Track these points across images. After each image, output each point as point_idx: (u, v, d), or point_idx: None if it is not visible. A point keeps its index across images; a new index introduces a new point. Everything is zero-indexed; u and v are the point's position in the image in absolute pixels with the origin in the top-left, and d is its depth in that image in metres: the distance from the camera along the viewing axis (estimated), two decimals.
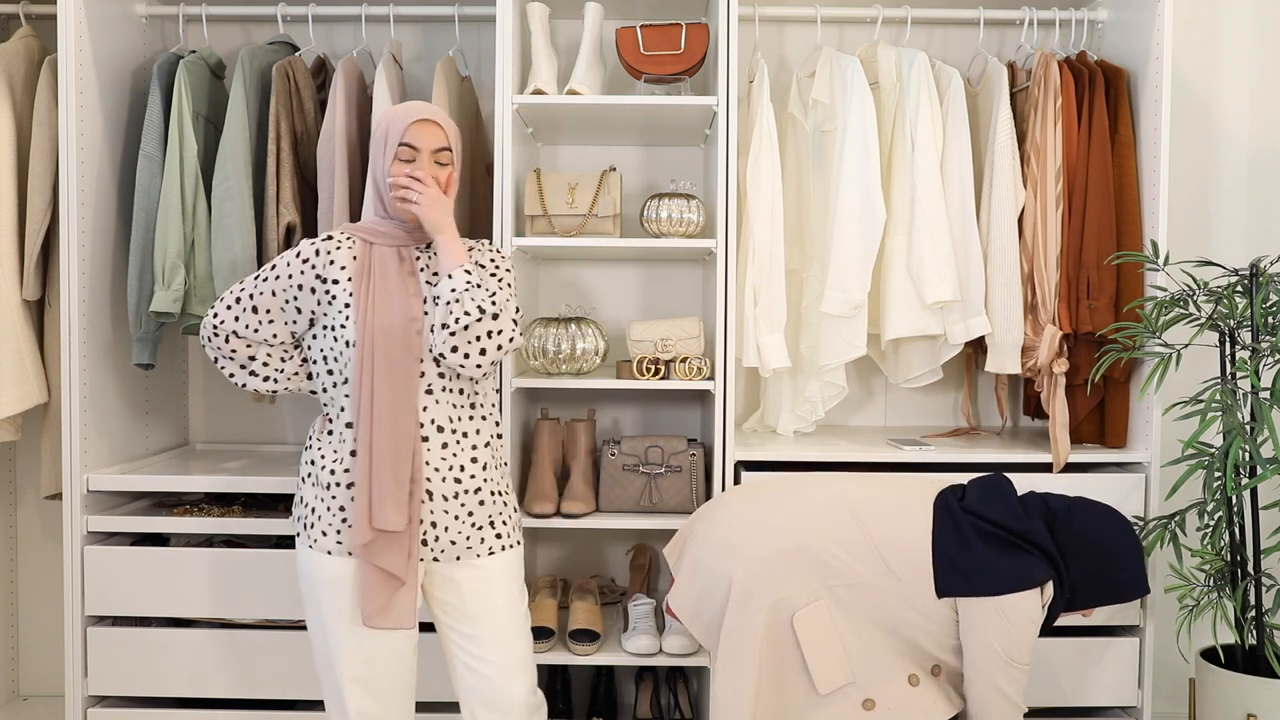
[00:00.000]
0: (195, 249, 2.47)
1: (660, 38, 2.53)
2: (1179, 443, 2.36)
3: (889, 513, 2.01)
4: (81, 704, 2.46)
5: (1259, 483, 2.27)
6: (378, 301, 1.86)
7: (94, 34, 2.47)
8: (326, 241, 1.93)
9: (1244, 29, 2.95)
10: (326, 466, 1.91)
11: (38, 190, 2.53)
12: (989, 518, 1.96)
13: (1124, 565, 2.00)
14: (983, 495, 2.03)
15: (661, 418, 2.98)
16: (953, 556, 1.92)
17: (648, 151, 2.95)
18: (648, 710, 2.75)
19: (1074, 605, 2.01)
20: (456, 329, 1.83)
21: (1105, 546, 1.99)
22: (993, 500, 2.01)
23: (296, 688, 2.48)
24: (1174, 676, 2.94)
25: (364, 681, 1.91)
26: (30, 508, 3.01)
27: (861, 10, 2.72)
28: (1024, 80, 2.62)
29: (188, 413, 2.99)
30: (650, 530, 2.92)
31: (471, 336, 1.84)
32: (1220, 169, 2.96)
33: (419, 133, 1.90)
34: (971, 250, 2.54)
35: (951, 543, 1.94)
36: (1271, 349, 2.29)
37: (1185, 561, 2.46)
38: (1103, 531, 2.00)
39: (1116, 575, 2.00)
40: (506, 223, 2.44)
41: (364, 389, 1.85)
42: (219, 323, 1.96)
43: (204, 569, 2.46)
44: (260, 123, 2.55)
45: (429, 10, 2.71)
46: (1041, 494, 2.11)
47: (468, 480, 1.94)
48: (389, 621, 1.88)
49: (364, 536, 1.84)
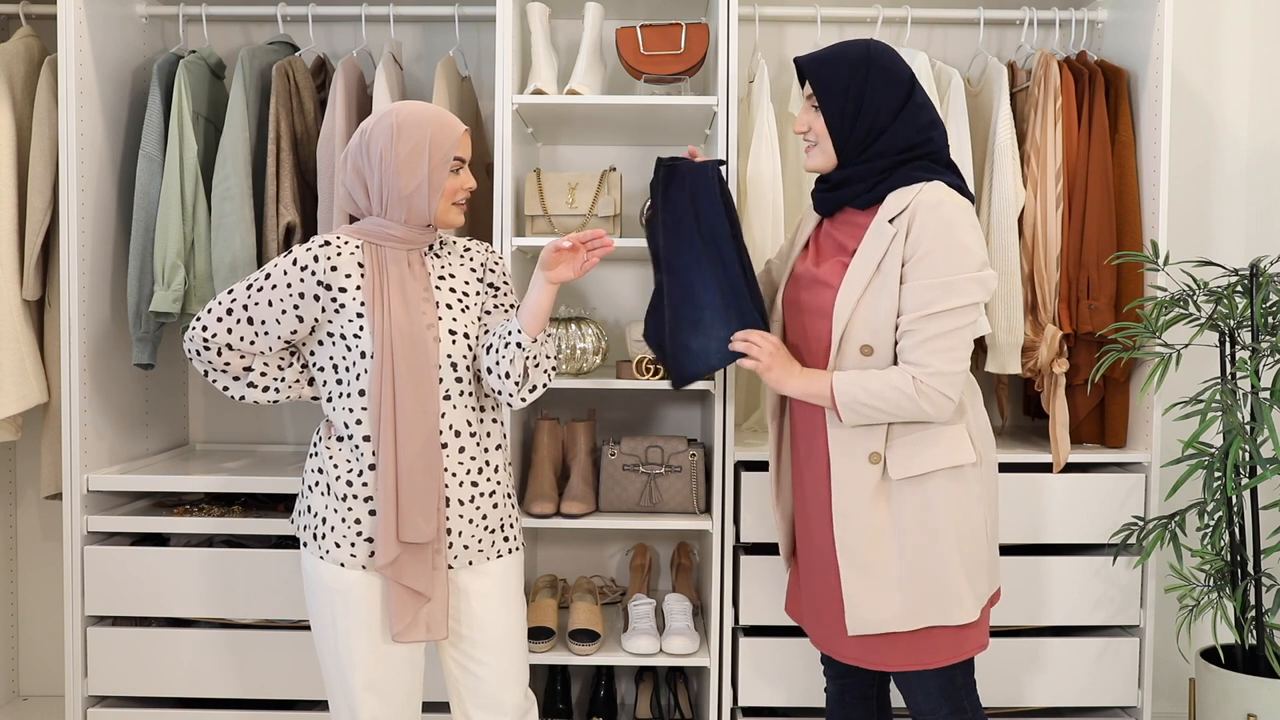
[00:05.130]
0: (195, 249, 2.47)
1: (660, 38, 2.53)
2: (1179, 443, 2.36)
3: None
4: (81, 704, 2.46)
5: (1259, 483, 2.27)
6: (395, 310, 1.81)
7: (94, 34, 2.47)
8: (325, 247, 1.85)
9: (1244, 29, 2.95)
10: (341, 478, 1.85)
11: (38, 190, 2.53)
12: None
13: None
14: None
15: (661, 418, 2.98)
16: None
17: (648, 151, 2.94)
18: (648, 710, 2.75)
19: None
20: (525, 386, 1.90)
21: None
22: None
23: (296, 688, 2.48)
24: (1174, 676, 2.94)
25: (376, 688, 1.88)
26: (30, 508, 3.01)
27: (861, 10, 2.72)
28: (1024, 80, 2.62)
29: (188, 413, 2.99)
30: (650, 530, 2.92)
31: (536, 386, 1.93)
32: (1220, 169, 2.96)
33: (466, 144, 1.90)
34: None
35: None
36: (1271, 349, 2.29)
37: (1185, 561, 2.46)
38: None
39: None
40: (506, 223, 2.44)
41: (384, 400, 1.80)
42: (210, 335, 1.86)
43: (204, 569, 2.45)
44: (260, 123, 2.55)
45: (429, 10, 2.71)
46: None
47: (484, 484, 1.92)
48: (419, 635, 1.85)
49: (389, 554, 1.80)
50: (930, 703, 1.87)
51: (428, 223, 1.89)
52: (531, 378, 1.90)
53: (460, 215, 1.92)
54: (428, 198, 1.85)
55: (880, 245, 1.80)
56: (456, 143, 1.87)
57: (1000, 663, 2.48)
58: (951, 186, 1.82)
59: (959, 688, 1.87)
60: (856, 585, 1.83)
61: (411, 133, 1.84)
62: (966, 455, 1.82)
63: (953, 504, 1.81)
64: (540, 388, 1.93)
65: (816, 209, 1.97)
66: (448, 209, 1.89)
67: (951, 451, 1.81)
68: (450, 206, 1.89)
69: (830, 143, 1.88)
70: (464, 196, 1.91)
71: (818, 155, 1.91)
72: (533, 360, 1.88)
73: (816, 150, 1.90)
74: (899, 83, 1.86)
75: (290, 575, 2.44)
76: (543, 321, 1.88)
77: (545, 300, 1.87)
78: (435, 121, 1.86)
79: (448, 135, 1.86)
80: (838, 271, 1.84)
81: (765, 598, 2.47)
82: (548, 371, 1.93)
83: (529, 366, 1.88)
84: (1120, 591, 2.51)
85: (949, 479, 1.81)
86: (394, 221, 1.87)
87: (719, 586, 2.45)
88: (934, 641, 1.82)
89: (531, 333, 1.86)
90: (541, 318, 1.88)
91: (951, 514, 1.81)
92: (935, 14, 2.77)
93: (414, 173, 1.84)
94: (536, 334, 1.87)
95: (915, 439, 1.81)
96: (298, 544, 2.43)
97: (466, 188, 1.91)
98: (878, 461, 1.83)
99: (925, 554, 1.80)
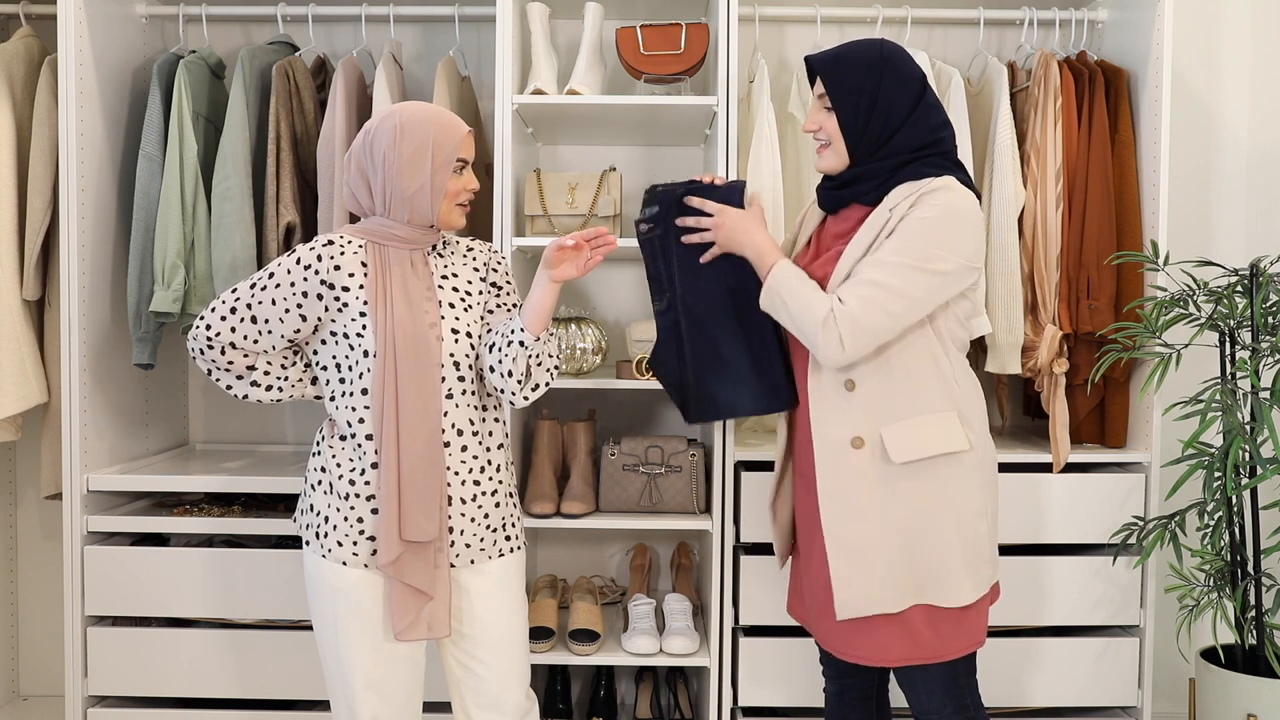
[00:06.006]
0: (195, 249, 2.47)
1: (660, 38, 2.53)
2: (1179, 443, 2.36)
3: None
4: (81, 704, 2.46)
5: (1259, 483, 2.27)
6: (398, 309, 1.82)
7: (94, 34, 2.47)
8: (328, 246, 1.86)
9: (1244, 29, 2.95)
10: (344, 476, 1.86)
11: (38, 190, 2.53)
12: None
13: None
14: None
15: (661, 418, 2.98)
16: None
17: (648, 151, 2.94)
18: (648, 710, 2.75)
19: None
20: (527, 385, 1.91)
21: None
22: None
23: (296, 688, 2.48)
24: (1174, 676, 2.94)
25: (377, 687, 1.89)
26: (30, 508, 3.01)
27: (861, 10, 2.72)
28: (1024, 80, 2.62)
29: (188, 413, 2.99)
30: (650, 530, 2.92)
31: (539, 384, 1.93)
32: (1220, 169, 2.96)
33: (469, 145, 1.90)
34: None
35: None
36: (1271, 349, 2.29)
37: (1185, 561, 2.46)
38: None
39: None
40: (506, 223, 2.44)
41: (387, 398, 1.81)
42: (214, 335, 1.86)
43: (204, 569, 2.45)
44: (260, 123, 2.55)
45: (429, 10, 2.71)
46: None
47: (486, 483, 1.92)
48: (420, 634, 1.86)
49: (392, 553, 1.80)
50: (934, 701, 1.86)
51: (430, 223, 1.89)
52: (534, 376, 1.90)
53: (462, 216, 1.92)
54: (430, 198, 1.85)
55: (875, 227, 1.80)
56: (459, 144, 1.87)
57: (1000, 662, 2.48)
58: (961, 183, 1.82)
59: (962, 686, 1.87)
60: (844, 569, 1.82)
61: (414, 134, 1.84)
62: (959, 443, 1.81)
63: (951, 488, 1.81)
64: (543, 386, 1.93)
65: (822, 205, 1.96)
66: (450, 210, 1.89)
67: (946, 438, 1.81)
68: (453, 207, 1.90)
69: (843, 143, 1.87)
70: (467, 198, 1.91)
71: (830, 155, 1.89)
72: (535, 359, 1.88)
73: (829, 150, 1.89)
74: (912, 82, 1.85)
75: (290, 575, 2.44)
76: (545, 320, 1.88)
77: (548, 299, 1.88)
78: (438, 123, 1.86)
79: (451, 136, 1.86)
80: (835, 262, 1.84)
81: (765, 598, 2.47)
82: (550, 370, 1.93)
83: (531, 365, 1.88)
84: (1120, 591, 2.51)
85: (947, 464, 1.81)
86: (397, 221, 1.87)
87: (719, 586, 2.45)
88: (930, 633, 1.81)
89: (534, 331, 1.87)
90: (544, 316, 1.88)
91: (949, 498, 1.81)
92: (935, 14, 2.77)
93: (417, 174, 1.84)
94: (539, 332, 1.87)
95: (910, 424, 1.81)
96: (298, 544, 2.43)
97: (469, 189, 1.91)
98: (860, 446, 1.82)
99: (920, 537, 1.80)
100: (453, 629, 1.94)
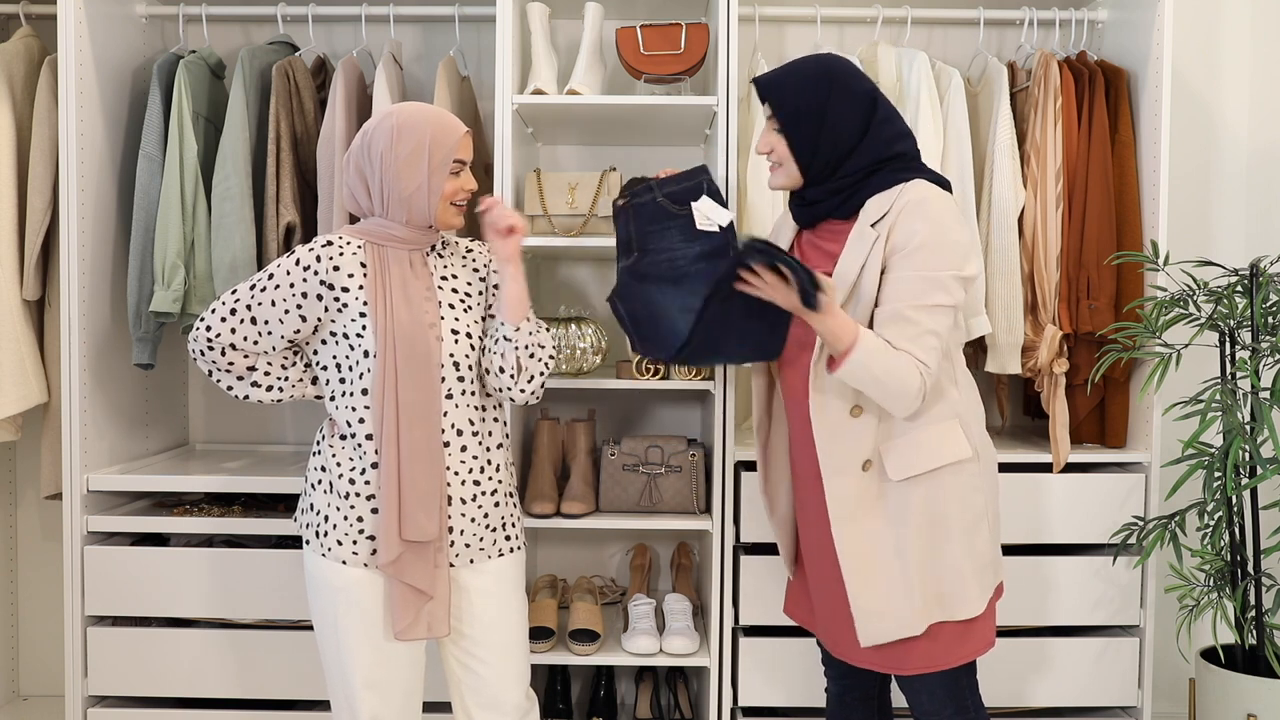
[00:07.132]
0: (195, 249, 2.47)
1: (660, 38, 2.53)
2: (1179, 443, 2.36)
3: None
4: (81, 704, 2.46)
5: (1259, 483, 2.27)
6: (398, 309, 1.82)
7: (94, 34, 2.47)
8: (327, 247, 1.86)
9: (1244, 29, 2.95)
10: (344, 476, 1.86)
11: (38, 190, 2.53)
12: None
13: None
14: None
15: (661, 418, 2.98)
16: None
17: (648, 151, 2.94)
18: (648, 710, 2.75)
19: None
20: (521, 378, 1.91)
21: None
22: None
23: (296, 688, 2.48)
24: (1174, 676, 2.94)
25: (377, 687, 1.89)
26: (30, 508, 3.01)
27: (861, 10, 2.71)
28: (1024, 80, 2.62)
29: (188, 413, 2.99)
30: (650, 530, 2.92)
31: (534, 375, 1.93)
32: (1220, 169, 2.96)
33: (466, 146, 1.90)
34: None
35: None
36: (1271, 349, 2.29)
37: (1185, 561, 2.46)
38: None
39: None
40: None
41: (387, 398, 1.81)
42: (214, 335, 1.87)
43: (204, 569, 2.45)
44: (260, 123, 2.55)
45: (429, 10, 2.71)
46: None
47: (486, 483, 1.93)
48: (420, 634, 1.86)
49: (392, 553, 1.81)
50: (935, 703, 1.86)
51: (428, 224, 1.89)
52: (527, 369, 1.90)
53: (459, 217, 1.92)
54: (428, 199, 1.86)
55: (862, 251, 1.78)
56: (456, 145, 1.87)
57: (1000, 663, 2.48)
58: (931, 181, 1.80)
59: (963, 688, 1.87)
60: (864, 597, 1.82)
61: (411, 134, 1.84)
62: (963, 451, 1.81)
63: (953, 500, 1.81)
64: (538, 377, 1.93)
65: (796, 220, 1.95)
66: (447, 210, 1.89)
67: (948, 448, 1.80)
68: (449, 208, 1.90)
69: (795, 165, 1.84)
70: (464, 198, 1.91)
71: (782, 176, 1.87)
72: (525, 351, 1.89)
73: (781, 171, 1.87)
74: (861, 97, 1.81)
75: (290, 575, 2.44)
76: (521, 309, 1.89)
77: (512, 285, 1.89)
78: (435, 123, 1.87)
79: (448, 137, 1.86)
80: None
81: (765, 598, 2.47)
82: (544, 361, 1.93)
83: (521, 358, 1.89)
84: (1120, 591, 2.51)
85: (949, 475, 1.80)
86: (395, 222, 1.88)
87: (719, 586, 2.45)
88: (946, 641, 1.82)
89: (512, 321, 1.88)
90: (516, 305, 1.89)
91: (952, 510, 1.80)
92: (935, 14, 2.77)
93: (414, 174, 1.84)
94: (518, 322, 1.88)
95: (910, 440, 1.80)
96: (298, 544, 2.43)
97: (466, 189, 1.91)
98: (870, 469, 1.82)
99: (928, 553, 1.80)
100: (453, 629, 1.94)
